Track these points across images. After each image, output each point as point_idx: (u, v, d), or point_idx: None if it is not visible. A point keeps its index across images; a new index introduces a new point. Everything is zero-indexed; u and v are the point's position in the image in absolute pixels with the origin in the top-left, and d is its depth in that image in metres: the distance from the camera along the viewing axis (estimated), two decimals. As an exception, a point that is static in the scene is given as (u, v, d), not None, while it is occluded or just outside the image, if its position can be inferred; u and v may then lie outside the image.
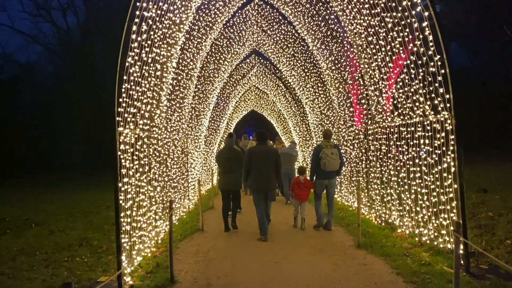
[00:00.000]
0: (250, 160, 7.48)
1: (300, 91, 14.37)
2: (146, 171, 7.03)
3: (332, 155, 7.76)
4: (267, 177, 7.47)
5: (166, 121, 8.76)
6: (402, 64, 6.40)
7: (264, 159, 7.44)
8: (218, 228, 8.72)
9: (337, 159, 7.82)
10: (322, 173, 7.97)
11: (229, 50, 12.86)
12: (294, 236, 7.80)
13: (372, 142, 8.79)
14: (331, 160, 7.73)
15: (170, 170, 9.26)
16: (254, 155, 7.48)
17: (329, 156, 7.74)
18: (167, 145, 8.91)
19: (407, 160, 6.98)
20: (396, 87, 6.83)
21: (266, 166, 7.43)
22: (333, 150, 7.85)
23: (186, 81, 9.82)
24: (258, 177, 7.47)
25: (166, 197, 8.80)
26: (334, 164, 7.80)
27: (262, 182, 7.49)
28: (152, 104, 7.06)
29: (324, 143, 8.01)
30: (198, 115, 12.47)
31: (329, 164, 7.75)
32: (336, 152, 7.84)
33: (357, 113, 10.54)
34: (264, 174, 7.45)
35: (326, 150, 7.81)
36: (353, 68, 10.05)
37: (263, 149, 7.59)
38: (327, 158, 7.72)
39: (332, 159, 7.74)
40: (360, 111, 10.29)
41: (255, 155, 7.48)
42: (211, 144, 16.41)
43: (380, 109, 7.95)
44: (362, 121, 9.32)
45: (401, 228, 7.45)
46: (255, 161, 7.45)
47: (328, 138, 8.13)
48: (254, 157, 7.46)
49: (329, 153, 7.77)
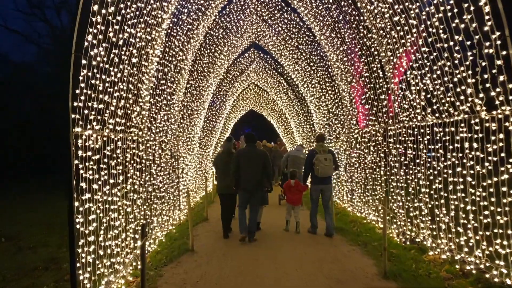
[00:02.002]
0: (239, 161, 7.48)
1: (305, 87, 13.00)
2: (120, 182, 5.67)
3: (326, 161, 7.64)
4: (254, 179, 7.44)
5: (150, 121, 7.40)
6: (442, 46, 5.04)
7: (252, 161, 7.43)
8: (212, 247, 7.36)
9: (330, 165, 7.68)
10: (316, 179, 7.84)
11: (225, 42, 11.50)
12: (303, 261, 6.43)
13: (393, 145, 7.44)
14: (324, 167, 7.62)
15: (156, 178, 7.89)
16: (242, 157, 7.49)
17: (322, 163, 7.62)
18: (151, 149, 7.55)
19: (444, 168, 5.62)
20: (432, 77, 5.47)
21: (253, 168, 7.43)
22: (327, 155, 7.70)
23: (174, 74, 8.46)
24: (245, 178, 7.46)
25: (151, 210, 7.44)
26: (328, 170, 7.68)
27: (248, 183, 7.45)
28: (127, 99, 5.70)
29: (318, 148, 7.84)
30: (190, 115, 11.11)
31: (322, 171, 7.63)
32: (330, 158, 7.71)
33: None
34: (251, 175, 7.42)
35: (319, 156, 7.66)
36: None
37: (252, 151, 7.56)
38: (320, 165, 7.61)
39: (326, 165, 7.63)
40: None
41: (243, 157, 7.48)
42: (207, 147, 15.02)
43: (406, 105, 6.60)
44: (382, 119, 7.97)
45: (433, 250, 6.09)
46: (242, 163, 7.45)
47: (321, 141, 7.97)
48: (242, 159, 7.47)
49: (322, 159, 7.63)
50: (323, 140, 8.05)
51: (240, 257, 6.63)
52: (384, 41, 6.73)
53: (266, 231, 8.78)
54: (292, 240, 7.74)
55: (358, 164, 9.56)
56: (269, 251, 6.92)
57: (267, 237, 8.09)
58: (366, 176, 9.03)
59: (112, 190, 5.42)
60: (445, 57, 5.02)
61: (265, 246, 7.29)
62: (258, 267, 6.05)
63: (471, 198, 5.06)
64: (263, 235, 8.25)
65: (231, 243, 7.60)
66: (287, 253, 6.82)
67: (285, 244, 7.45)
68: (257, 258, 6.54)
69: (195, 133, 12.28)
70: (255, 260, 6.41)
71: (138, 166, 6.67)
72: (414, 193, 6.64)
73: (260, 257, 6.57)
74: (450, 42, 4.86)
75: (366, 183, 9.09)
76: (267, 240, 7.78)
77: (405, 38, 5.91)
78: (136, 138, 6.50)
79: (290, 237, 8.10)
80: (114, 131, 5.42)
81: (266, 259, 6.47)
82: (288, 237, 8.09)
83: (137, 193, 6.60)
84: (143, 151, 6.97)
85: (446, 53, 4.99)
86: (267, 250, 6.99)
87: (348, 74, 9.01)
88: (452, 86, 5.03)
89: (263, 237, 8.10)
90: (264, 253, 6.81)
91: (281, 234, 8.45)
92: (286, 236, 8.19)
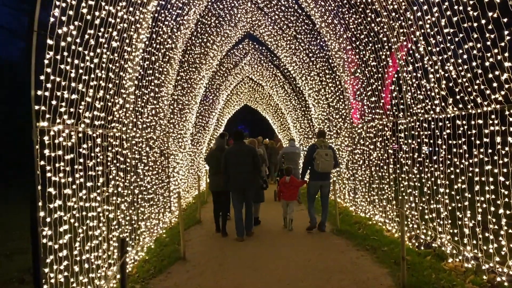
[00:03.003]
0: (227, 159, 7.40)
1: (303, 80, 12.31)
2: (100, 185, 4.94)
3: (326, 156, 7.52)
4: (244, 176, 7.35)
5: (136, 115, 6.67)
6: (471, 25, 4.37)
7: (240, 158, 7.35)
8: (206, 255, 6.66)
9: (331, 161, 7.56)
10: (315, 175, 7.73)
11: (218, 31, 10.76)
12: (307, 270, 5.75)
13: (404, 140, 6.79)
14: (324, 162, 7.48)
15: (143, 178, 7.16)
16: (231, 155, 7.42)
17: (323, 157, 7.49)
18: (137, 146, 6.81)
19: (469, 166, 4.97)
20: (456, 62, 4.80)
21: (242, 165, 7.34)
22: (328, 151, 7.58)
23: (163, 64, 7.71)
24: (235, 176, 7.37)
25: (137, 214, 6.73)
26: (328, 166, 7.56)
27: (239, 181, 7.37)
28: (107, 90, 4.96)
29: (319, 142, 7.73)
30: (182, 109, 10.37)
31: (323, 166, 7.50)
32: (331, 154, 7.59)
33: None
34: (241, 173, 7.34)
35: (320, 151, 7.54)
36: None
37: (240, 148, 7.47)
38: (321, 159, 7.48)
39: (326, 160, 7.50)
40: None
41: (232, 155, 7.41)
42: (199, 144, 14.27)
43: (421, 96, 5.94)
44: (388, 113, 7.32)
45: (453, 258, 5.46)
46: (231, 161, 7.37)
47: (322, 137, 7.91)
48: (230, 157, 7.40)
49: (323, 154, 7.51)
50: (324, 135, 7.98)
51: (237, 267, 5.93)
52: (396, 25, 6.06)
53: (265, 231, 8.29)
54: (293, 245, 7.08)
55: (362, 161, 8.91)
56: (270, 259, 6.25)
57: (267, 240, 7.43)
58: (372, 174, 8.38)
59: (90, 194, 4.70)
60: (474, 38, 4.35)
61: (265, 253, 6.62)
62: (258, 280, 5.36)
63: (504, 201, 4.41)
64: (262, 238, 7.60)
65: (227, 250, 6.92)
66: (290, 261, 6.14)
67: (286, 249, 6.78)
68: (256, 268, 5.86)
69: (187, 129, 11.55)
70: (254, 271, 5.73)
71: (122, 166, 5.94)
72: (430, 193, 5.99)
73: (260, 267, 5.89)
74: (482, 20, 4.18)
75: (372, 182, 8.44)
76: (266, 245, 7.11)
77: (424, 19, 5.23)
78: (119, 135, 5.77)
79: (290, 239, 7.45)
80: (92, 127, 4.69)
81: (266, 268, 5.80)
82: (289, 240, 7.44)
83: (121, 197, 5.88)
84: (127, 149, 6.25)
85: (475, 34, 4.32)
86: (267, 258, 6.33)
87: (352, 64, 8.33)
88: (482, 72, 4.37)
89: (262, 240, 7.44)
90: (264, 262, 6.14)
91: (281, 235, 7.84)
92: (286, 238, 7.54)
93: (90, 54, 4.27)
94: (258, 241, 7.44)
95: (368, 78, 7.73)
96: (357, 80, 8.29)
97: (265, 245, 7.17)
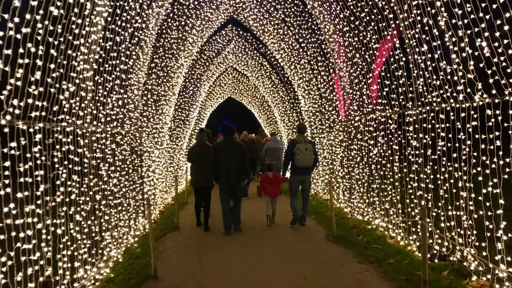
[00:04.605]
0: (216, 155, 7.39)
1: (291, 69, 11.28)
2: (40, 194, 3.84)
3: (306, 151, 7.55)
4: (231, 172, 7.34)
5: (96, 106, 5.54)
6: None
7: (228, 154, 7.35)
8: (183, 271, 5.61)
9: (311, 155, 7.59)
10: (296, 169, 7.75)
11: (197, 13, 9.63)
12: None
13: (412, 134, 5.84)
14: (304, 157, 7.53)
15: (108, 181, 6.05)
16: (220, 151, 7.39)
17: (303, 152, 7.53)
18: (99, 143, 5.69)
19: (506, 166, 4.03)
20: (491, 35, 3.83)
21: (230, 161, 7.33)
22: (308, 145, 7.62)
23: (131, 46, 6.57)
24: (222, 172, 7.37)
25: (100, 223, 5.64)
26: (308, 160, 7.59)
27: (226, 177, 7.37)
28: (48, 72, 3.84)
29: (299, 138, 7.76)
30: (157, 101, 9.24)
31: (303, 160, 7.54)
32: (311, 148, 7.63)
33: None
34: (228, 169, 7.33)
35: (300, 146, 7.57)
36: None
37: (229, 144, 7.45)
38: (301, 154, 7.51)
39: (306, 155, 7.54)
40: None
41: (221, 151, 7.38)
42: (179, 139, 13.13)
43: (437, 83, 4.97)
44: (396, 103, 6.37)
45: (478, 275, 4.54)
46: (220, 156, 7.36)
47: (302, 132, 7.93)
48: (220, 153, 7.38)
49: (303, 149, 7.55)
50: (304, 130, 8.03)
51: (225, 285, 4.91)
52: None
53: (250, 234, 7.59)
54: (285, 255, 6.09)
55: (360, 158, 7.97)
56: (258, 277, 5.24)
57: (253, 250, 6.42)
58: (371, 173, 7.44)
59: (25, 208, 3.60)
60: None
61: (251, 268, 5.60)
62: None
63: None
64: (248, 246, 6.59)
65: (207, 263, 5.88)
66: (282, 280, 5.14)
67: (276, 262, 5.77)
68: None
69: (164, 123, 10.42)
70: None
71: (77, 168, 4.83)
72: (449, 198, 5.05)
73: None
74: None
75: (371, 181, 7.51)
76: (253, 257, 6.09)
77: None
78: (71, 130, 4.65)
79: (281, 248, 6.46)
80: (25, 119, 3.58)
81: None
82: (279, 248, 6.43)
83: (75, 205, 4.78)
84: (85, 147, 5.13)
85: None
86: (255, 276, 5.32)
87: (350, 48, 7.33)
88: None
89: (248, 250, 6.42)
90: (251, 281, 5.13)
91: (268, 242, 6.85)
92: (276, 246, 6.53)
93: (15, 20, 3.15)
94: (243, 251, 6.43)
95: (369, 64, 6.75)
96: (355, 66, 7.31)
97: (252, 256, 6.17)
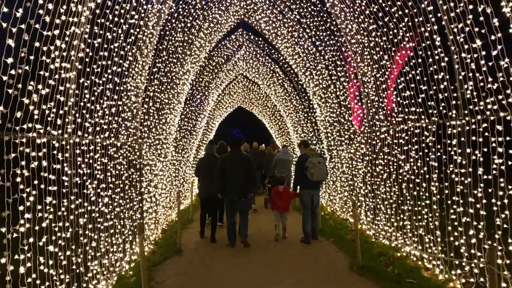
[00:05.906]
0: (223, 166, 7.34)
1: (307, 75, 10.40)
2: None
3: (319, 164, 7.40)
4: (238, 185, 7.28)
5: (81, 114, 4.71)
6: None
7: (235, 166, 7.31)
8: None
9: (324, 168, 7.49)
10: (309, 184, 7.51)
11: (205, 15, 8.85)
12: None
13: (457, 149, 4.89)
14: (319, 170, 7.34)
15: (96, 201, 5.20)
16: (227, 163, 7.36)
17: (317, 166, 7.34)
18: (85, 157, 4.85)
19: None
20: None
21: (237, 173, 7.28)
22: (319, 159, 7.53)
23: (127, 46, 5.76)
24: (229, 184, 7.33)
25: (85, 252, 4.78)
26: (322, 174, 7.46)
27: (232, 190, 7.32)
28: (2, 67, 3.02)
29: (309, 151, 7.68)
30: (160, 109, 8.43)
31: (317, 174, 7.34)
32: (323, 161, 7.56)
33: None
34: (234, 181, 7.28)
35: (312, 160, 7.40)
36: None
37: (236, 156, 7.42)
38: (315, 168, 7.31)
39: (320, 168, 7.38)
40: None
41: (228, 163, 7.35)
42: (185, 151, 12.28)
43: (493, 87, 4.05)
44: (434, 112, 5.43)
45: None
46: (227, 168, 7.32)
47: (308, 146, 7.93)
48: (227, 165, 7.34)
49: (316, 162, 7.37)
50: (309, 145, 8.01)
51: None
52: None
53: (259, 249, 7.04)
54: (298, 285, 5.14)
55: (387, 174, 7.01)
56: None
57: (264, 277, 5.48)
58: (402, 192, 6.48)
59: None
60: None
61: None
62: None
63: None
64: (258, 271, 5.64)
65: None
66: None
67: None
68: None
69: (168, 134, 9.59)
70: None
71: (52, 188, 3.98)
72: (509, 228, 4.08)
73: None
74: None
75: (401, 202, 6.54)
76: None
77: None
78: (44, 141, 3.81)
79: (296, 282, 5.49)
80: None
81: None
82: (294, 282, 5.46)
83: (50, 234, 3.92)
84: (65, 162, 4.29)
85: None
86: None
87: (377, 49, 6.43)
88: None
89: (259, 280, 5.48)
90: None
91: (281, 269, 5.88)
92: (290, 277, 5.56)
93: None
94: (251, 281, 5.49)
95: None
96: (382, 70, 6.40)
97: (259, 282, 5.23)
